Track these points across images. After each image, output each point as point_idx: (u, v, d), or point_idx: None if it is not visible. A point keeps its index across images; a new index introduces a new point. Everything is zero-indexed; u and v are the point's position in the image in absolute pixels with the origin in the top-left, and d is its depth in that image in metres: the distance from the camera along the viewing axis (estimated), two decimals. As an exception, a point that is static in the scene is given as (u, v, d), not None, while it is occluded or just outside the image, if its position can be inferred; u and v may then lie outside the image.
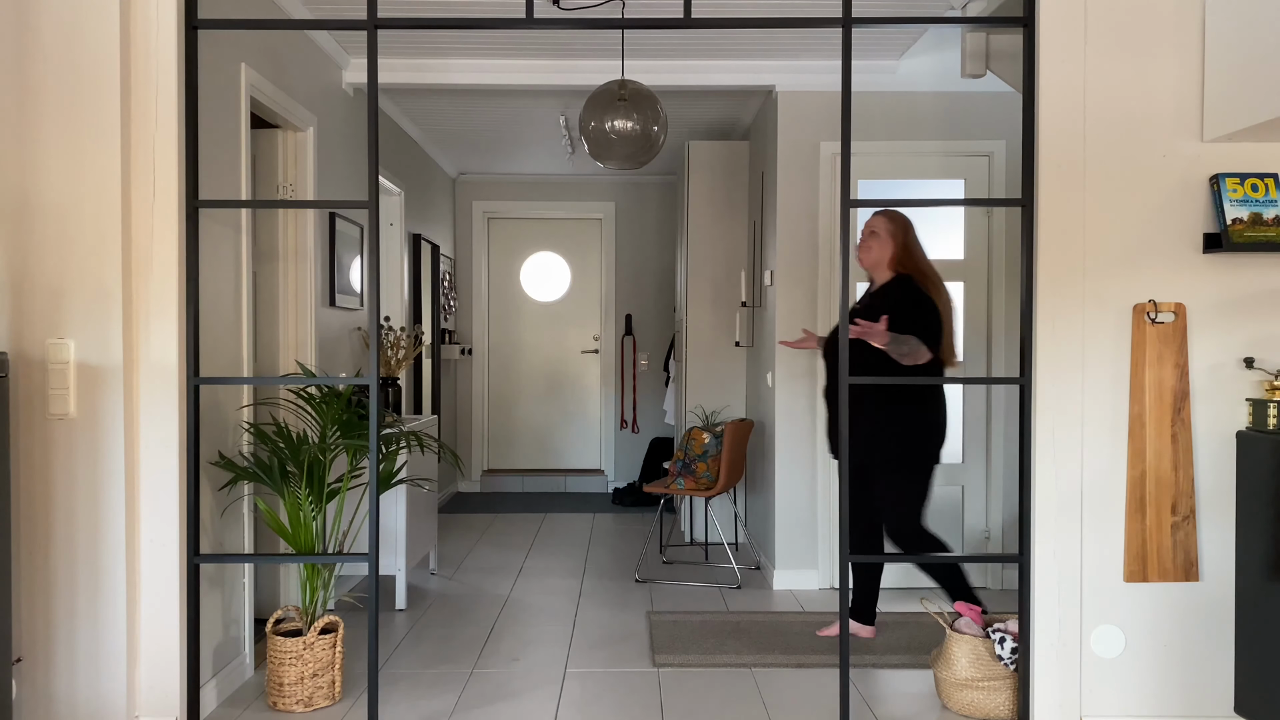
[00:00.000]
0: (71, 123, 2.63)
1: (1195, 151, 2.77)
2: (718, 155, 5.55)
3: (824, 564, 4.63)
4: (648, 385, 7.59)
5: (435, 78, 4.52)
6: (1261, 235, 2.70)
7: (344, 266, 4.48)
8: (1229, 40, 2.64)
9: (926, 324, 3.48)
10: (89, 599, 2.66)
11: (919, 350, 3.44)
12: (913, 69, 4.49)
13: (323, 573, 3.19)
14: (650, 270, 7.65)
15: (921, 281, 3.60)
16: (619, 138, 3.61)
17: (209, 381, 2.81)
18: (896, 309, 3.49)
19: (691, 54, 4.41)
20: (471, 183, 7.61)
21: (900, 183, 4.61)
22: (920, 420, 3.56)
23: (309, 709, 3.07)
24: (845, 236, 2.76)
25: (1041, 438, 2.77)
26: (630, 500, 6.98)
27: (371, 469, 2.74)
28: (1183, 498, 2.76)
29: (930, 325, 3.49)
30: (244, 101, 3.35)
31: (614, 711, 3.11)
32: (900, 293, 3.59)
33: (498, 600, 4.40)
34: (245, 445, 3.32)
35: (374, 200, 2.74)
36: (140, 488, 2.71)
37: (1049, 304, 2.76)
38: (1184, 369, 2.75)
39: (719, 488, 4.75)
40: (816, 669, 3.48)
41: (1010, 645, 3.00)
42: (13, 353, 2.62)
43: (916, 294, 3.56)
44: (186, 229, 2.74)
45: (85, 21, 2.62)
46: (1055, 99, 2.74)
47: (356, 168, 4.68)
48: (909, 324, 3.46)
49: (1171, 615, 2.79)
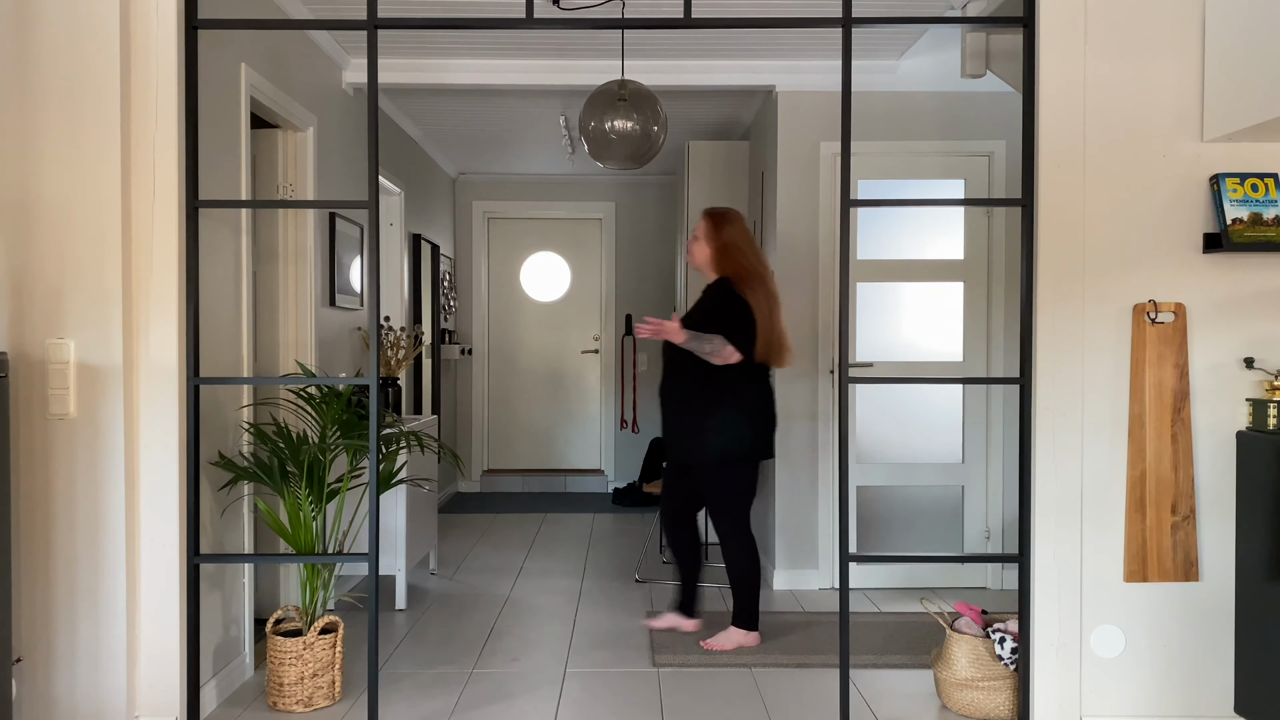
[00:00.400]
0: (71, 123, 2.63)
1: (1195, 151, 2.77)
2: (718, 155, 5.55)
3: (824, 564, 4.63)
4: (648, 385, 7.58)
5: (435, 78, 4.52)
6: (1261, 235, 2.70)
7: (344, 266, 4.48)
8: (1229, 40, 2.64)
9: (734, 324, 3.58)
10: (89, 599, 2.66)
11: (724, 349, 3.56)
12: (913, 69, 4.49)
13: (323, 573, 3.19)
14: (650, 270, 7.65)
15: (737, 283, 3.66)
16: (619, 138, 3.61)
17: (209, 381, 2.81)
18: (709, 309, 3.65)
19: (691, 54, 4.42)
20: (471, 183, 7.61)
21: (900, 183, 4.61)
22: (733, 420, 3.64)
23: (309, 709, 3.07)
24: (845, 236, 2.76)
25: (1041, 438, 2.77)
26: (630, 500, 6.98)
27: (371, 469, 2.74)
28: (1183, 498, 2.76)
29: (738, 326, 3.58)
30: (244, 101, 3.35)
31: (614, 711, 3.11)
32: (715, 293, 3.71)
33: (498, 600, 4.40)
34: (245, 445, 3.32)
35: (374, 200, 2.74)
36: (140, 488, 2.71)
37: (1049, 304, 2.76)
38: (1184, 369, 2.75)
39: (719, 488, 4.75)
40: (816, 669, 3.48)
41: (1010, 645, 3.00)
42: (13, 353, 2.62)
43: (729, 295, 3.64)
44: (186, 229, 2.74)
45: (85, 21, 2.62)
46: (1055, 99, 2.74)
47: (356, 168, 4.68)
48: (719, 324, 3.58)
49: (1171, 615, 2.79)
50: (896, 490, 4.65)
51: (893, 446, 4.66)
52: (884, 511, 4.67)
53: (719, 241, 3.71)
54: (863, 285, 4.59)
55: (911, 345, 4.64)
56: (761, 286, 3.66)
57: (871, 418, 4.65)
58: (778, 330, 3.67)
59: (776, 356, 3.68)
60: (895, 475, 4.63)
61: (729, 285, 3.67)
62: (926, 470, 4.63)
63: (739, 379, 3.64)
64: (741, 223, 3.77)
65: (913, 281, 4.62)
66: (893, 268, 4.60)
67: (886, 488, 4.64)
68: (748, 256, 3.71)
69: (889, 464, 4.63)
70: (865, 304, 4.61)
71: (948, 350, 4.63)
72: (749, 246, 3.73)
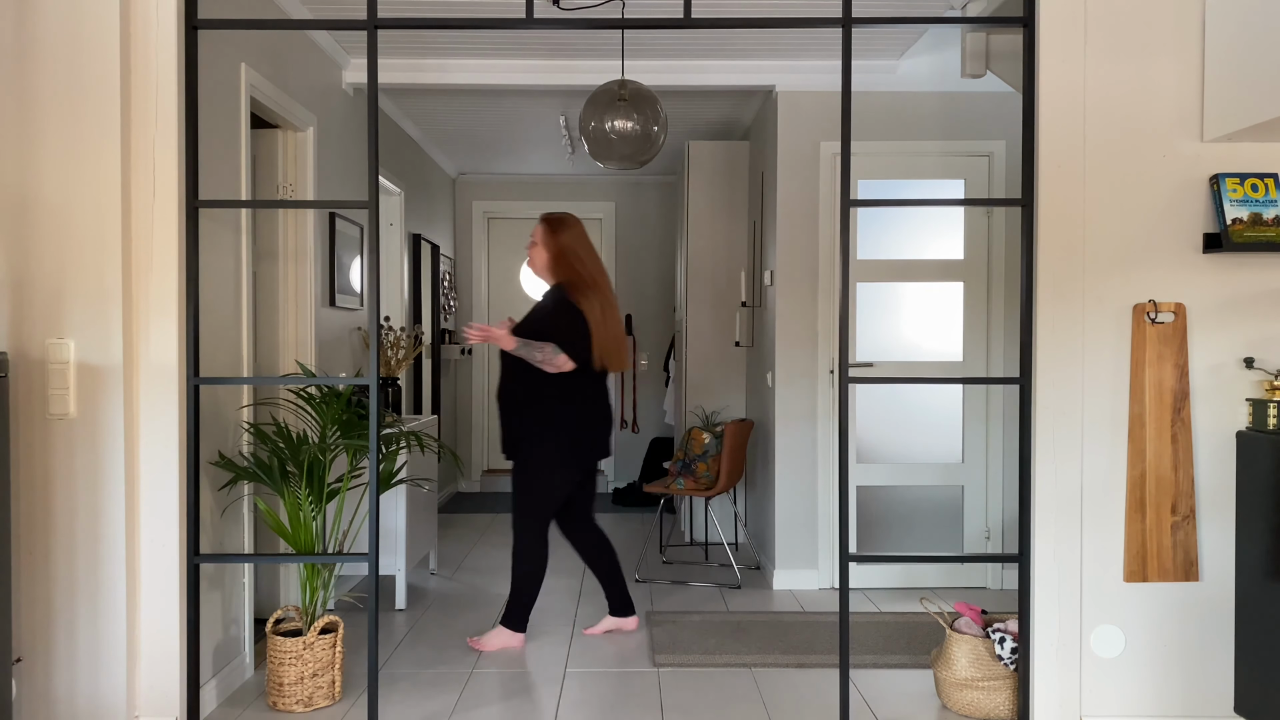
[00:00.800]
0: (71, 123, 2.63)
1: (1195, 151, 2.77)
2: (718, 155, 5.55)
3: (824, 564, 4.64)
4: (648, 385, 7.59)
5: (435, 78, 4.52)
6: (1261, 235, 2.70)
7: (344, 266, 4.48)
8: (1229, 40, 2.64)
9: (567, 333, 3.59)
10: (89, 599, 2.66)
11: (556, 358, 3.58)
12: (912, 69, 4.49)
13: (323, 573, 3.19)
14: (650, 270, 7.65)
15: (571, 290, 3.66)
16: (619, 138, 3.62)
17: (209, 381, 2.81)
18: (543, 316, 3.68)
19: (691, 54, 4.42)
20: (471, 183, 7.61)
21: (900, 183, 4.61)
22: (561, 425, 3.66)
23: (309, 709, 3.07)
24: (845, 236, 2.76)
25: (1041, 438, 2.77)
26: (630, 500, 6.98)
27: (371, 469, 2.74)
28: (1183, 498, 2.76)
29: (570, 334, 3.59)
30: (244, 101, 3.35)
31: (614, 711, 3.11)
32: (550, 300, 3.72)
33: (498, 600, 4.40)
34: (245, 445, 3.32)
35: (374, 200, 2.74)
36: (140, 488, 2.71)
37: (1049, 304, 2.76)
38: (1184, 369, 2.75)
39: (719, 488, 4.75)
40: (816, 669, 3.48)
41: (1010, 645, 3.00)
42: (13, 353, 2.62)
43: (561, 302, 3.65)
44: (186, 229, 2.74)
45: (85, 21, 2.62)
46: (1055, 99, 2.74)
47: (356, 168, 4.68)
48: (552, 332, 3.60)
49: (1171, 615, 2.79)
50: (896, 490, 4.65)
51: (893, 446, 4.66)
52: (884, 511, 4.67)
53: (555, 247, 3.71)
54: (863, 285, 4.59)
55: (911, 345, 4.64)
56: (597, 293, 3.67)
57: (871, 418, 4.65)
58: (612, 336, 3.69)
59: (612, 362, 3.70)
60: (895, 475, 4.63)
61: (563, 292, 3.67)
62: (926, 470, 4.63)
63: (571, 384, 3.65)
64: (579, 229, 3.77)
65: (913, 281, 4.62)
66: (893, 268, 4.60)
67: (886, 488, 4.64)
68: (585, 263, 3.72)
69: (889, 464, 4.63)
70: (865, 304, 4.61)
71: (948, 350, 4.63)
72: (587, 253, 3.74)
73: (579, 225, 3.79)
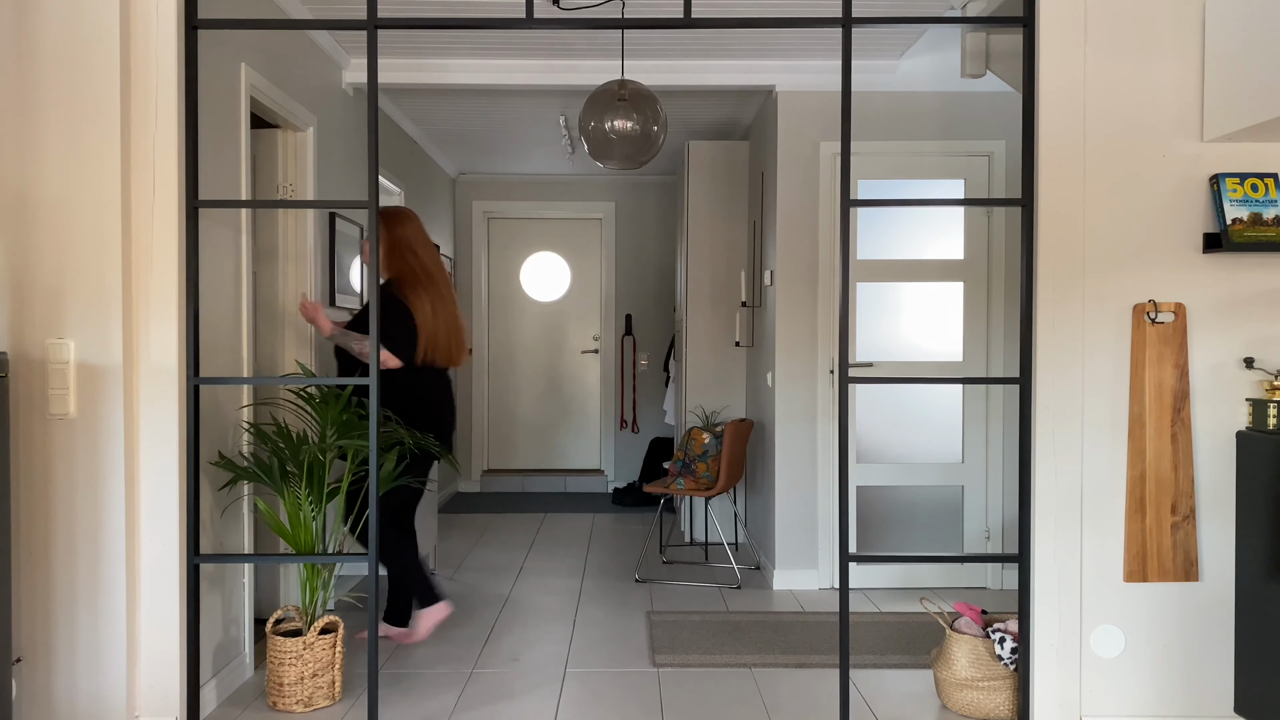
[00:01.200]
0: (71, 123, 2.63)
1: (1195, 151, 2.77)
2: (718, 155, 5.55)
3: (824, 564, 4.64)
4: (648, 385, 7.59)
5: (435, 78, 4.52)
6: (1261, 235, 2.70)
7: (344, 266, 4.48)
8: (1228, 40, 2.65)
9: (391, 329, 3.54)
10: (89, 599, 2.66)
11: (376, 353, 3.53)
12: (913, 69, 4.49)
13: (322, 573, 3.19)
14: (650, 270, 7.65)
15: (400, 284, 3.62)
16: (619, 138, 3.61)
17: (209, 381, 2.81)
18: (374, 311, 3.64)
19: (691, 54, 4.42)
20: (471, 183, 7.61)
21: (900, 183, 4.61)
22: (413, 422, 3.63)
23: (309, 709, 3.07)
24: (845, 236, 2.76)
25: (1041, 438, 2.77)
26: (630, 500, 6.98)
27: (372, 469, 2.74)
28: (1182, 498, 2.76)
29: (394, 331, 3.54)
30: (244, 101, 3.35)
31: (614, 711, 3.11)
32: (381, 296, 3.65)
33: (498, 600, 4.40)
34: (245, 445, 3.32)
35: (374, 200, 2.74)
36: (140, 488, 2.71)
37: (1049, 304, 2.76)
38: (1184, 369, 2.75)
39: (719, 488, 4.75)
40: (816, 669, 3.48)
41: (1010, 645, 3.00)
42: (13, 353, 2.62)
43: (388, 300, 3.59)
44: (186, 229, 2.74)
45: (85, 21, 2.63)
46: (1055, 99, 2.75)
47: (356, 168, 4.68)
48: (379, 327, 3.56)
49: (1171, 615, 2.79)
50: (896, 490, 4.65)
51: (893, 446, 4.66)
52: (884, 511, 4.67)
53: (388, 241, 3.65)
54: (863, 285, 4.60)
55: (911, 345, 4.64)
56: (429, 288, 3.62)
57: (871, 418, 4.65)
58: (445, 331, 3.64)
59: (446, 357, 3.66)
60: (895, 475, 4.63)
61: (391, 288, 3.63)
62: (926, 470, 4.63)
63: (406, 379, 3.62)
64: (416, 223, 3.72)
65: (913, 281, 4.62)
66: (893, 268, 4.60)
67: (886, 488, 4.65)
68: (419, 257, 3.67)
69: (889, 464, 4.63)
70: (865, 304, 4.61)
71: (948, 350, 4.63)
72: (422, 248, 3.69)
73: (415, 219, 3.74)
